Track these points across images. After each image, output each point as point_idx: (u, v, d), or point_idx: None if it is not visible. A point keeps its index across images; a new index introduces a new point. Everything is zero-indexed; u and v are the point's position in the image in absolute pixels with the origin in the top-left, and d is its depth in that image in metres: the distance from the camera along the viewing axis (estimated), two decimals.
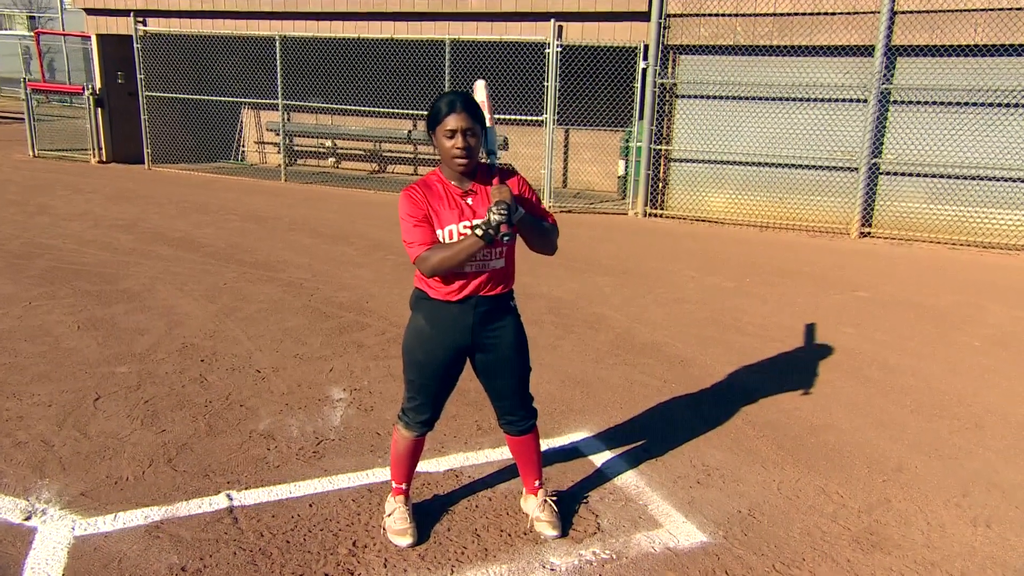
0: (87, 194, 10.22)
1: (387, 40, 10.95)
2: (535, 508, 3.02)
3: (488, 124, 2.67)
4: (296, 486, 3.29)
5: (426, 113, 2.63)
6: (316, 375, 4.49)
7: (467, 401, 4.19)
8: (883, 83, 8.78)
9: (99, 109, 12.74)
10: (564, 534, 2.97)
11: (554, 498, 3.09)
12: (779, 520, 3.15)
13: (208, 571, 2.70)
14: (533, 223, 2.66)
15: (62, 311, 5.43)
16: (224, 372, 4.49)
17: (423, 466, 3.47)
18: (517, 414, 2.93)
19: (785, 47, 9.13)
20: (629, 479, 3.44)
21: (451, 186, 2.66)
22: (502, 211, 2.46)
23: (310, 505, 3.14)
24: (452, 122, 2.54)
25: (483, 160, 2.71)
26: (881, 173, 9.16)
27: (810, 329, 5.65)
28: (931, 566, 2.86)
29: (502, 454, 3.62)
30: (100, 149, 12.94)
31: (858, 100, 9.03)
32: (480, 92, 2.83)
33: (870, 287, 6.97)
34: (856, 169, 9.14)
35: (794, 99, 9.36)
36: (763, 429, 3.99)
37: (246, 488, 3.25)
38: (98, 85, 12.76)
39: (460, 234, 2.59)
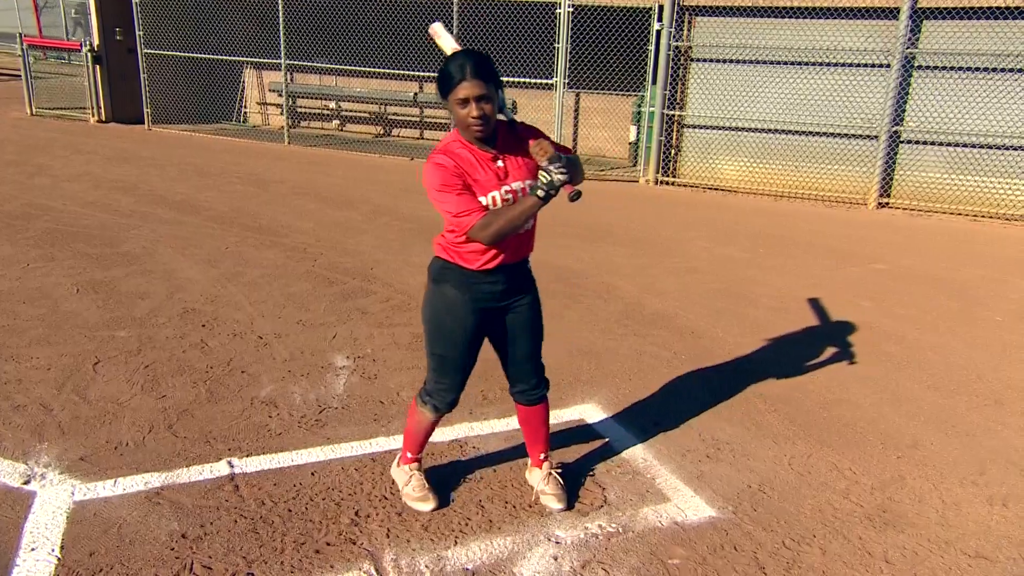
0: (86, 154, 10.15)
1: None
2: (540, 480, 3.01)
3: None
4: (298, 454, 3.28)
5: (436, 76, 2.52)
6: (319, 342, 4.47)
7: (473, 371, 4.16)
8: (907, 47, 8.59)
9: (97, 67, 12.60)
10: (570, 507, 2.96)
11: (559, 471, 3.06)
12: (790, 496, 3.13)
13: (209, 539, 2.70)
14: (570, 162, 2.53)
15: (61, 273, 5.42)
16: (226, 338, 4.47)
17: None
18: (531, 381, 2.91)
19: (806, 9, 8.92)
20: (637, 452, 3.42)
21: (478, 151, 2.55)
22: (562, 170, 2.38)
23: (312, 474, 3.14)
24: (464, 90, 2.41)
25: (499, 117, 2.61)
26: (902, 141, 9.01)
27: (825, 302, 5.59)
28: (945, 544, 2.85)
29: (507, 425, 3.61)
30: (99, 108, 12.83)
31: (880, 65, 8.84)
32: (444, 38, 2.72)
33: (888, 259, 6.89)
34: (876, 137, 8.99)
35: (813, 63, 9.17)
36: (775, 403, 3.96)
37: (247, 455, 3.25)
38: (96, 42, 12.60)
39: (503, 200, 2.52)
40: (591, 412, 3.78)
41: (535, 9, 10.07)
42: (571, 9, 9.64)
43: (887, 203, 9.09)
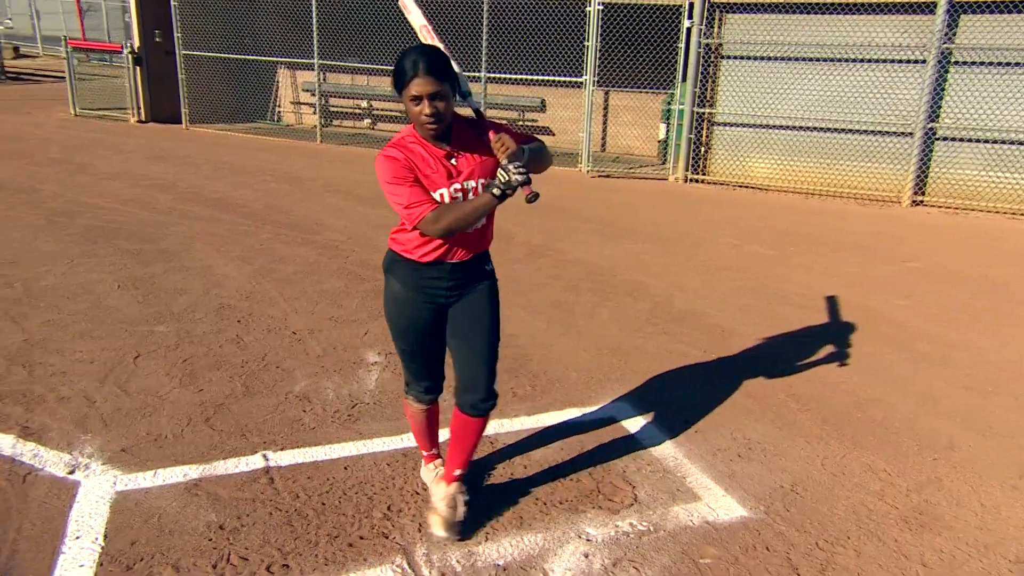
0: (126, 153, 10.33)
1: None
2: (442, 499, 2.78)
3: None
4: (331, 448, 3.31)
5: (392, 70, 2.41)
6: (351, 338, 4.50)
7: (503, 368, 4.13)
8: (944, 42, 8.38)
9: (137, 68, 12.82)
10: (459, 538, 2.70)
11: (466, 497, 2.81)
12: (823, 496, 3.08)
13: (245, 530, 2.73)
14: (533, 153, 2.47)
15: (103, 269, 5.52)
16: (260, 333, 4.52)
17: None
18: (479, 391, 2.68)
19: (840, 5, 8.76)
20: (667, 450, 3.39)
21: (431, 147, 2.46)
22: (520, 169, 2.29)
23: (345, 468, 3.16)
24: (416, 87, 2.32)
25: (458, 108, 2.49)
26: (937, 138, 8.80)
27: (857, 300, 5.49)
28: (984, 549, 2.77)
29: (536, 422, 3.60)
30: (139, 108, 13.05)
31: (916, 61, 8.65)
32: (414, 12, 2.66)
33: (922, 258, 6.74)
34: (911, 134, 8.80)
35: (847, 60, 8.99)
36: (806, 402, 3.89)
37: (282, 449, 3.28)
38: (136, 44, 12.82)
39: (451, 198, 2.44)
40: (621, 410, 3.75)
41: (565, 7, 10.02)
42: (601, 7, 9.57)
43: (921, 200, 8.90)
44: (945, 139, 8.77)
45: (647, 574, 2.58)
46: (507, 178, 2.31)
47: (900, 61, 8.76)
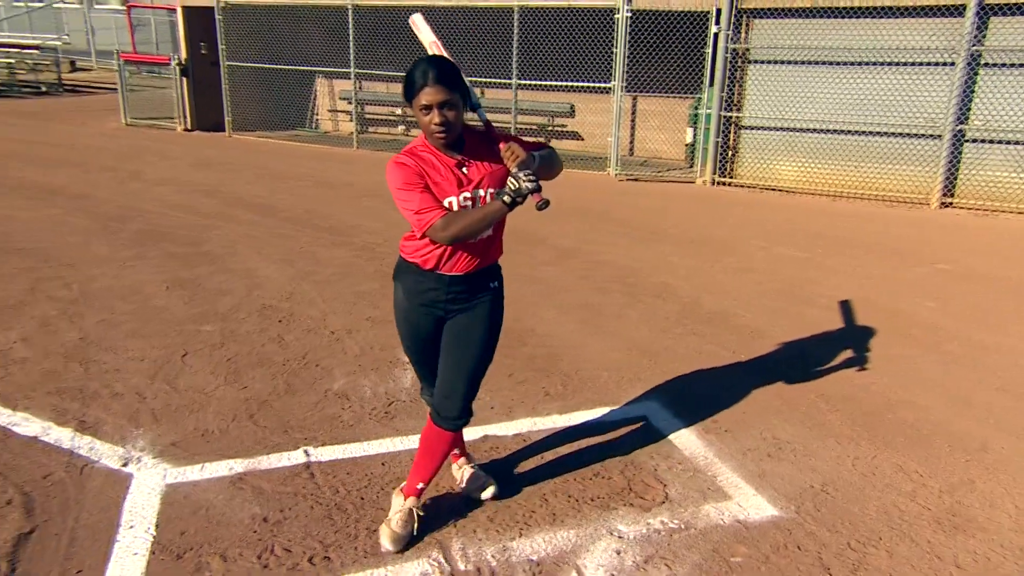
0: (173, 161, 10.53)
1: (457, 8, 10.82)
2: (395, 512, 2.68)
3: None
4: (369, 445, 3.32)
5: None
6: (388, 338, 4.52)
7: (535, 367, 4.15)
8: (973, 44, 8.18)
9: (184, 79, 13.07)
10: (401, 550, 2.60)
11: (421, 514, 2.67)
12: (854, 497, 3.02)
13: (288, 523, 2.76)
14: (543, 161, 2.44)
15: (152, 271, 5.63)
16: (301, 333, 4.57)
17: (492, 429, 3.47)
18: (452, 407, 2.59)
19: (867, 8, 8.60)
20: (697, 449, 3.35)
21: (442, 155, 2.42)
22: (530, 177, 2.26)
23: (383, 464, 3.17)
24: (426, 96, 2.30)
25: (470, 121, 2.48)
26: (966, 140, 8.59)
27: (887, 302, 5.38)
28: (1020, 551, 2.69)
29: (569, 420, 3.58)
30: (185, 117, 13.31)
31: (944, 63, 8.45)
32: (423, 30, 2.63)
33: (952, 260, 6.58)
34: (939, 136, 8.60)
35: (874, 63, 8.82)
36: (836, 403, 3.82)
37: (322, 445, 3.31)
38: (183, 56, 13.07)
39: (460, 206, 2.39)
40: (652, 409, 3.72)
41: (593, 14, 9.98)
42: (629, 14, 9.52)
43: (950, 203, 8.69)
44: (974, 141, 8.56)
45: (678, 571, 2.55)
46: (517, 186, 2.27)
47: (929, 64, 8.56)
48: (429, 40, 2.61)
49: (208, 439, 3.33)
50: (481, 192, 2.43)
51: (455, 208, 2.39)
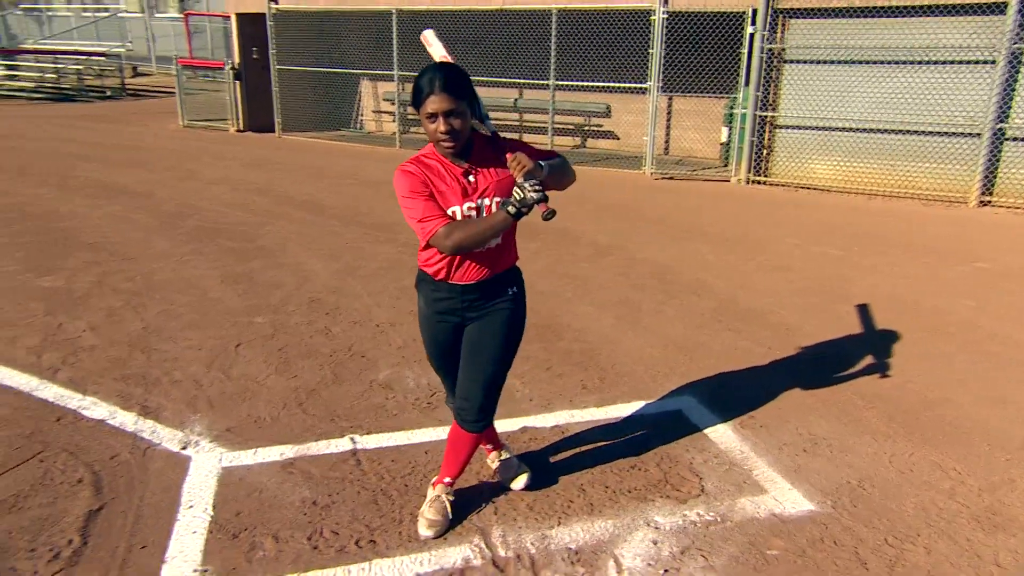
0: (227, 161, 10.74)
1: (497, 11, 10.81)
2: (428, 502, 2.72)
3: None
4: (412, 434, 3.35)
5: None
6: None
7: (572, 361, 4.14)
8: (1015, 42, 7.88)
9: (237, 82, 13.32)
10: (438, 536, 2.62)
11: (451, 498, 2.73)
12: (891, 493, 2.94)
13: (336, 507, 2.79)
14: (553, 170, 2.35)
15: (208, 265, 5.75)
16: (347, 325, 4.62)
17: (531, 421, 3.47)
18: (470, 410, 2.58)
19: (905, 8, 8.34)
20: (733, 444, 3.30)
21: (450, 164, 2.36)
22: (536, 187, 2.18)
23: (425, 452, 3.19)
24: (432, 104, 2.23)
25: (479, 129, 2.42)
26: (1006, 139, 8.28)
27: (924, 301, 5.22)
28: None
29: (605, 413, 3.56)
30: (238, 119, 13.56)
31: (984, 61, 8.16)
32: (435, 45, 2.59)
33: (991, 258, 6.36)
34: (978, 135, 8.31)
35: (912, 62, 8.56)
36: (873, 400, 3.73)
37: (368, 433, 3.34)
38: (236, 60, 13.31)
39: (464, 216, 2.33)
40: (688, 403, 3.68)
41: (630, 16, 9.88)
42: (665, 15, 9.39)
43: (989, 201, 8.40)
44: (1015, 139, 8.25)
45: (715, 563, 2.52)
46: (522, 196, 2.20)
47: (968, 62, 8.28)
48: (440, 55, 2.56)
49: (260, 425, 3.39)
50: (487, 201, 2.36)
51: (459, 218, 2.33)
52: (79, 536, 2.60)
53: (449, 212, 2.33)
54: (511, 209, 2.23)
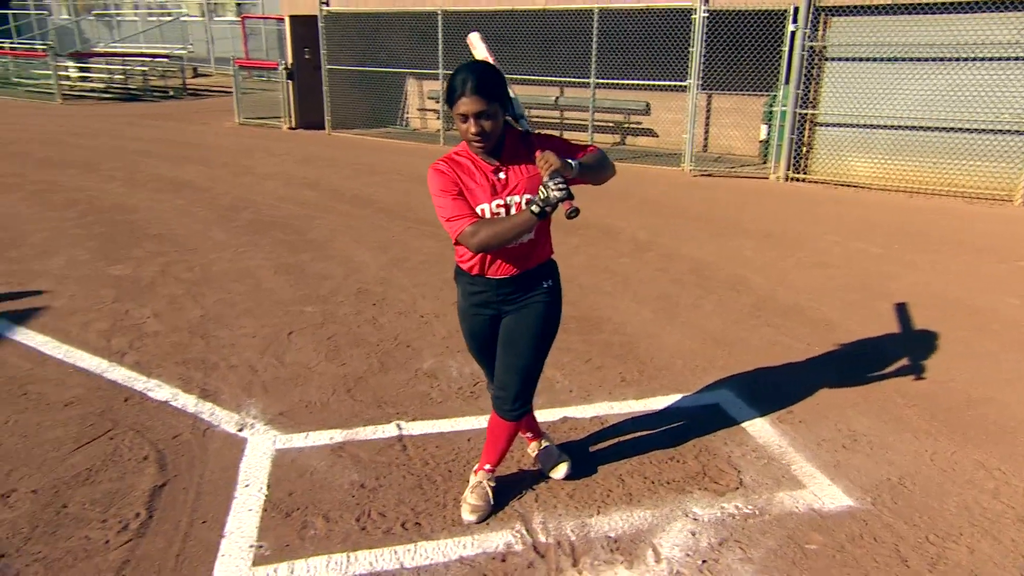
0: (280, 157, 10.92)
1: (540, 11, 10.75)
2: (470, 488, 2.74)
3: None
4: (456, 421, 3.36)
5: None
6: None
7: (612, 354, 4.10)
8: None
9: (290, 82, 13.53)
10: (481, 521, 2.64)
11: (493, 484, 2.74)
12: (933, 491, 2.85)
13: (383, 490, 2.82)
14: (586, 167, 2.31)
15: (262, 256, 5.86)
16: (393, 315, 4.66)
17: (571, 411, 3.45)
18: (506, 399, 2.58)
19: (949, 4, 8.02)
20: (772, 438, 3.23)
21: (480, 162, 2.35)
22: (560, 186, 2.15)
23: (468, 440, 3.20)
24: (463, 106, 2.21)
25: (513, 127, 2.39)
26: None
27: (967, 299, 5.04)
28: None
29: (645, 405, 3.52)
30: (290, 117, 13.78)
31: None
32: (479, 48, 2.55)
33: None
34: None
35: (956, 59, 8.23)
36: (914, 398, 3.61)
37: (413, 420, 3.37)
38: (289, 61, 13.52)
39: (493, 213, 2.32)
40: (726, 398, 3.61)
41: (670, 15, 9.72)
42: (706, 14, 9.21)
43: None
44: None
45: (753, 555, 2.47)
46: (546, 195, 2.17)
47: (1015, 59, 7.93)
48: (482, 57, 2.53)
49: (311, 410, 3.44)
50: (516, 198, 2.34)
51: (487, 215, 2.32)
52: (145, 510, 2.68)
53: (478, 210, 2.32)
54: (535, 208, 2.21)
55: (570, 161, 2.26)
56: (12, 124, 13.63)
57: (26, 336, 4.21)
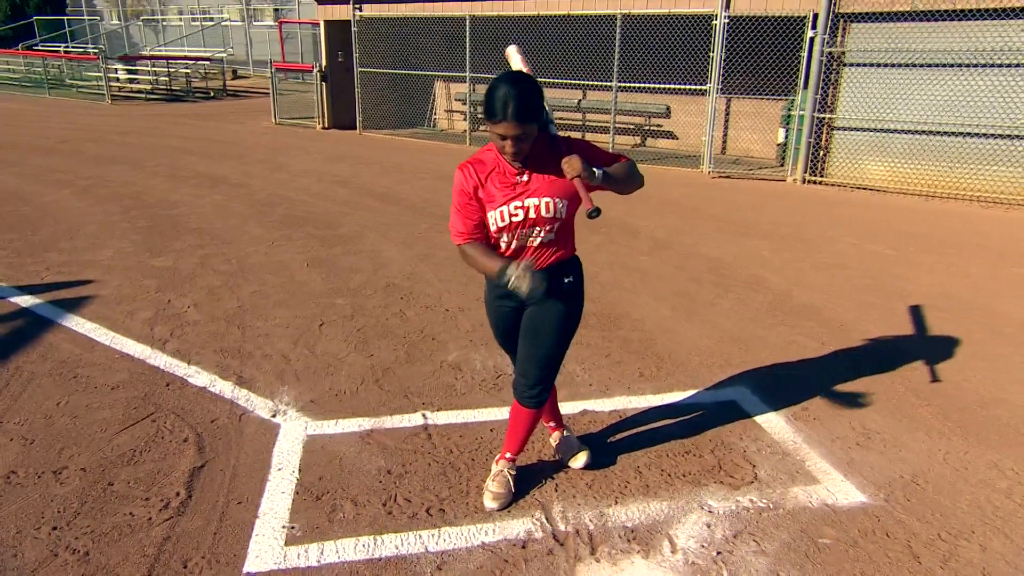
0: (313, 155, 11.00)
1: (564, 16, 10.69)
2: (492, 476, 2.74)
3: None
4: (479, 412, 3.36)
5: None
6: None
7: (631, 350, 4.07)
8: None
9: (323, 84, 13.62)
10: (502, 508, 2.63)
11: (513, 473, 2.74)
12: (945, 489, 2.79)
13: (408, 476, 2.84)
14: (611, 177, 2.30)
15: (295, 250, 5.91)
16: (420, 309, 4.67)
17: (590, 404, 3.44)
18: (526, 386, 2.58)
19: (969, 11, 7.81)
20: (786, 435, 3.19)
21: (505, 164, 2.33)
22: (522, 277, 2.15)
23: (491, 430, 3.20)
24: (502, 128, 2.19)
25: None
26: None
27: (982, 301, 4.92)
28: None
29: (662, 400, 3.49)
30: (323, 117, 13.88)
31: None
32: (516, 60, 2.53)
33: None
34: None
35: (974, 65, 8.02)
36: (927, 398, 3.53)
37: (438, 410, 3.37)
38: (323, 63, 13.60)
39: (511, 214, 2.32)
40: (742, 394, 3.57)
41: (691, 20, 9.61)
42: (727, 20, 9.09)
43: None
44: None
45: (767, 548, 2.44)
46: (506, 280, 2.18)
47: None
48: (517, 67, 2.52)
49: (341, 399, 3.47)
50: (535, 201, 2.32)
51: (505, 217, 2.33)
52: (185, 489, 2.72)
53: (497, 212, 2.33)
54: (502, 280, 2.21)
55: (595, 169, 2.24)
56: (66, 123, 13.91)
57: (76, 323, 4.30)
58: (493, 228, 2.37)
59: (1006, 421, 3.33)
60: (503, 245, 2.41)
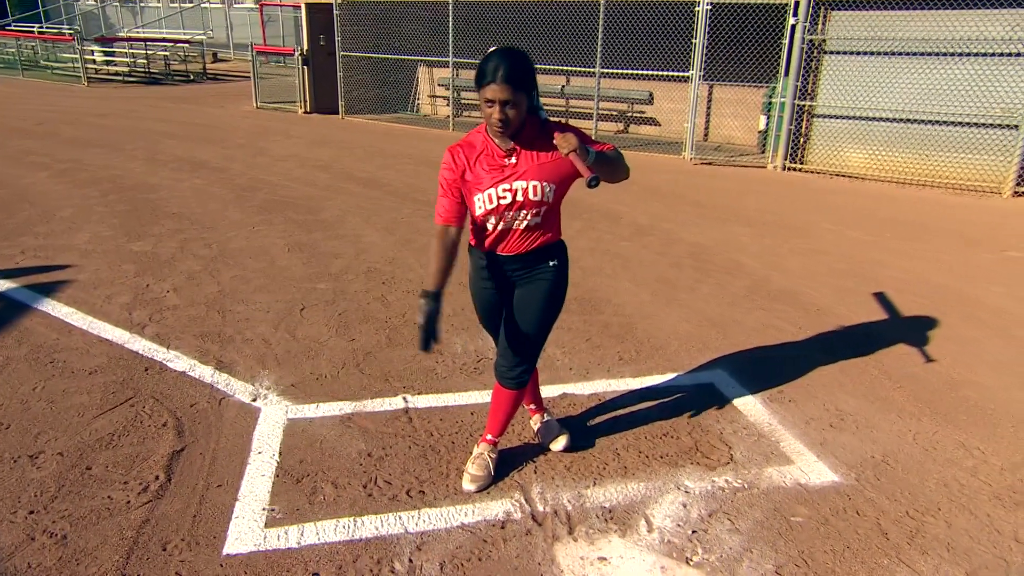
0: (294, 139, 10.87)
1: (546, 1, 10.62)
2: (472, 458, 2.76)
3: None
4: (460, 396, 3.37)
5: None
6: None
7: (610, 334, 4.10)
8: None
9: (305, 68, 13.42)
10: (480, 490, 2.65)
11: (494, 456, 2.76)
12: (914, 469, 2.85)
13: (389, 459, 2.84)
14: (603, 159, 2.31)
15: (276, 235, 5.85)
16: (401, 293, 4.66)
17: (570, 388, 3.46)
18: (506, 366, 2.59)
19: (948, 0, 7.88)
20: (762, 416, 3.24)
21: (493, 145, 2.33)
22: (424, 326, 2.36)
23: (471, 413, 3.21)
24: (491, 92, 2.18)
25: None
26: None
27: (954, 286, 5.00)
28: None
29: (641, 383, 3.52)
30: (305, 101, 13.69)
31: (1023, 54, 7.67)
32: None
33: (1022, 247, 6.05)
34: (1016, 126, 7.85)
35: (951, 54, 8.10)
36: (899, 380, 3.60)
37: (419, 393, 3.38)
38: (305, 47, 13.40)
39: (499, 196, 2.32)
40: (719, 377, 3.61)
41: (674, 7, 9.59)
42: (709, 7, 9.08)
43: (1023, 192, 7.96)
44: None
45: (741, 526, 2.49)
46: (420, 321, 2.34)
47: (1009, 55, 7.80)
48: None
49: (322, 382, 3.46)
50: (523, 184, 2.32)
51: (493, 200, 2.34)
52: (164, 473, 2.71)
53: (485, 194, 2.34)
54: (421, 302, 2.38)
55: (588, 148, 2.25)
56: (41, 105, 13.60)
57: (53, 307, 4.23)
58: (480, 211, 2.37)
59: (974, 402, 3.40)
60: (489, 227, 2.41)
